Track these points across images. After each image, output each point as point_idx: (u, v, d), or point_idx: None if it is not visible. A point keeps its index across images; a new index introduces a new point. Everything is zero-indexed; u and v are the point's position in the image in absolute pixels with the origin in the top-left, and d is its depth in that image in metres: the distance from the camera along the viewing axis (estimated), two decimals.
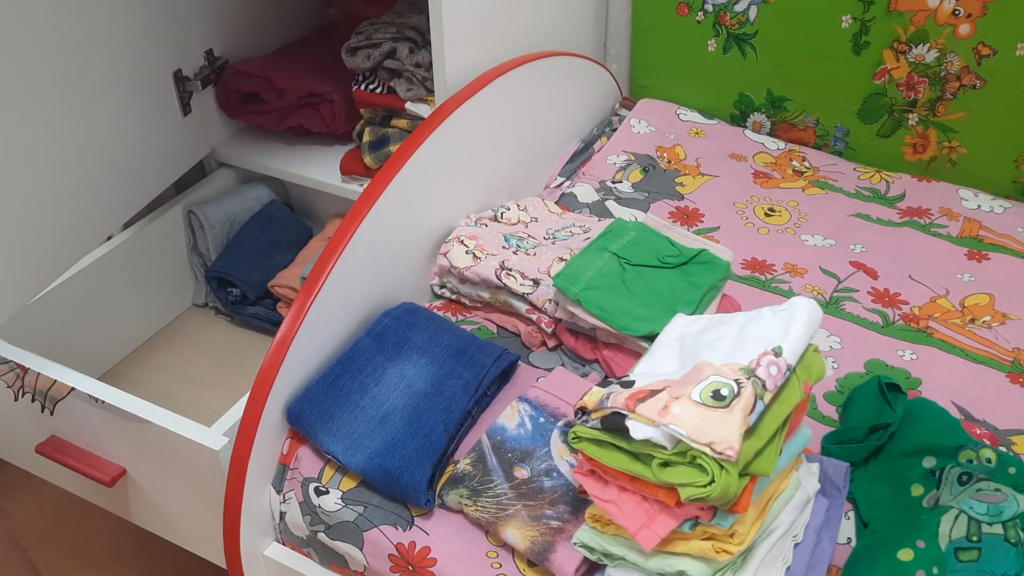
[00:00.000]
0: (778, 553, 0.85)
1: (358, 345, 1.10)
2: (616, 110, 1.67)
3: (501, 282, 1.16)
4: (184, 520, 1.14)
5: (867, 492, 0.97)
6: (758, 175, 1.50)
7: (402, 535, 0.98)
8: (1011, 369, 1.12)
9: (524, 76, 1.34)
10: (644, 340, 1.06)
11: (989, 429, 1.04)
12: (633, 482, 0.80)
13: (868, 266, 1.29)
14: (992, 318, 1.19)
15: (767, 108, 1.60)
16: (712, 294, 1.13)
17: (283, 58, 1.59)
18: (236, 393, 1.12)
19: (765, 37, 1.54)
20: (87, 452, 1.14)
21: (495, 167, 1.35)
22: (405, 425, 1.02)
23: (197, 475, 1.04)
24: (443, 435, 1.01)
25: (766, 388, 0.77)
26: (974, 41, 1.39)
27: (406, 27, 1.41)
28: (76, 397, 1.08)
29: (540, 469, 0.98)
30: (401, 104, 1.39)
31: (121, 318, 1.44)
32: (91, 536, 1.52)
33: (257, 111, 1.56)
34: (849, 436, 1.01)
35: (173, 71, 1.48)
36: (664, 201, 1.43)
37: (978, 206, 1.41)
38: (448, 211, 1.26)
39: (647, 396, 0.78)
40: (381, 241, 1.14)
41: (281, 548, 1.09)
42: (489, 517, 0.95)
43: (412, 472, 0.98)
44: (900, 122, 1.50)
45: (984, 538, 0.85)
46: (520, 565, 0.94)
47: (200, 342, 1.51)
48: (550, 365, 1.14)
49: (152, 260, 1.46)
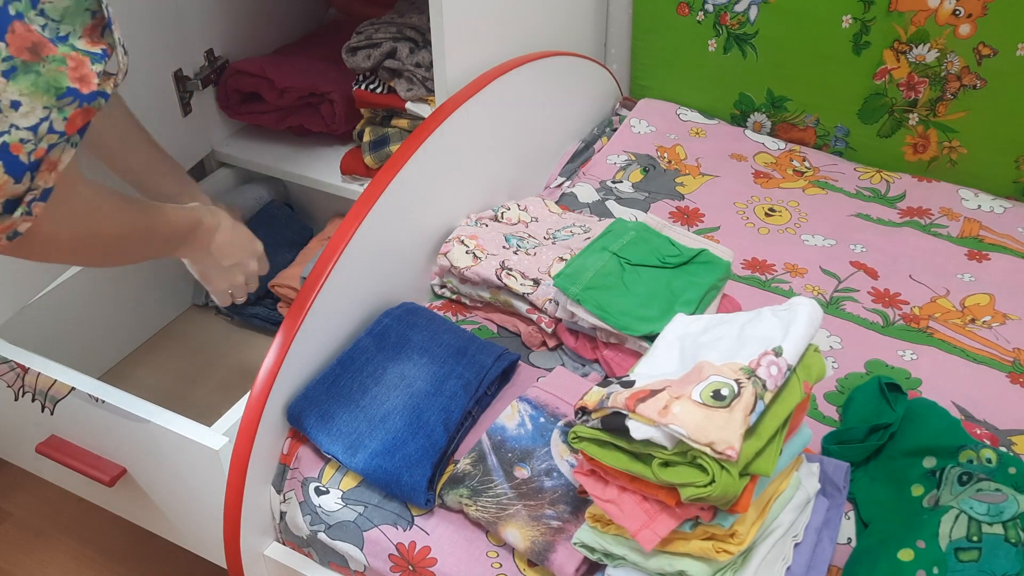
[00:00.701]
0: (778, 553, 0.85)
1: (358, 345, 1.10)
2: (616, 110, 1.67)
3: (501, 282, 1.16)
4: (184, 520, 1.14)
5: (867, 492, 0.97)
6: (758, 175, 1.50)
7: (402, 535, 0.98)
8: (1011, 369, 1.12)
9: (524, 76, 1.34)
10: (644, 340, 1.06)
11: (989, 429, 1.04)
12: (633, 482, 0.80)
13: (868, 266, 1.29)
14: (992, 318, 1.19)
15: (767, 108, 1.60)
16: (712, 294, 1.13)
17: (283, 58, 1.59)
18: (236, 393, 1.12)
19: (765, 37, 1.54)
20: (87, 452, 1.14)
21: (495, 167, 1.35)
22: (405, 425, 1.02)
23: (197, 475, 1.04)
24: (443, 435, 1.01)
25: (766, 388, 0.77)
26: (974, 41, 1.39)
27: (406, 27, 1.41)
28: (76, 397, 1.08)
29: (540, 469, 0.98)
30: (401, 104, 1.39)
31: (121, 318, 1.44)
32: (91, 536, 1.52)
33: (257, 111, 1.56)
34: (849, 436, 1.01)
35: (173, 71, 1.48)
36: (664, 201, 1.43)
37: (978, 206, 1.41)
38: (448, 211, 1.26)
39: (647, 396, 0.78)
40: (381, 241, 1.13)
41: (281, 548, 1.09)
42: (489, 517, 0.95)
43: (412, 472, 0.98)
44: (900, 122, 1.50)
45: (984, 538, 0.85)
46: (520, 565, 0.94)
47: (200, 342, 1.51)
48: (550, 365, 1.14)
49: (152, 260, 1.46)
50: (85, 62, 0.70)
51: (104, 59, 0.71)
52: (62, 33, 0.69)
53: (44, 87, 0.67)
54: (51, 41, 0.68)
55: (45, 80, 0.67)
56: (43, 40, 0.68)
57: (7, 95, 0.66)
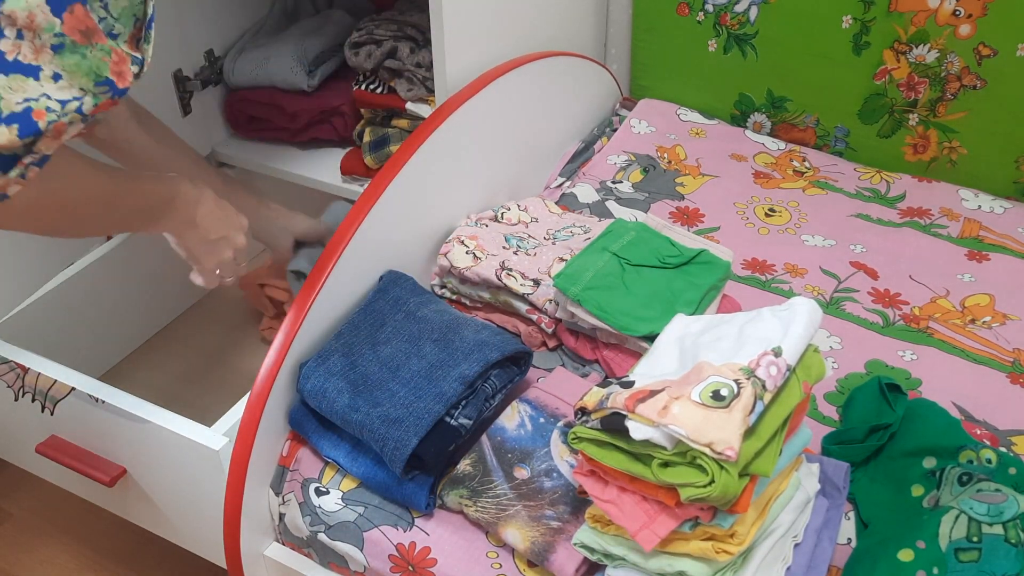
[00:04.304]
0: (778, 553, 0.85)
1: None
2: (616, 110, 1.67)
3: (501, 282, 1.16)
4: (184, 520, 1.14)
5: (867, 492, 0.97)
6: (758, 175, 1.50)
7: (402, 535, 0.98)
8: (1011, 369, 1.12)
9: (524, 76, 1.34)
10: (644, 340, 1.06)
11: (989, 429, 1.04)
12: (633, 482, 0.80)
13: (868, 266, 1.29)
14: (992, 318, 1.19)
15: (767, 108, 1.60)
16: (712, 294, 1.13)
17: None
18: (236, 393, 1.12)
19: (765, 37, 1.54)
20: (87, 452, 1.14)
21: (495, 167, 1.35)
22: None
23: (197, 475, 1.04)
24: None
25: (766, 388, 0.77)
26: (974, 41, 1.39)
27: (407, 25, 1.41)
28: (76, 397, 1.08)
29: (540, 469, 0.98)
30: (402, 104, 1.39)
31: (121, 318, 1.44)
32: (91, 536, 1.52)
33: (269, 128, 1.56)
34: (849, 436, 1.01)
35: (173, 71, 1.48)
36: (664, 201, 1.43)
37: (978, 206, 1.41)
38: (448, 211, 1.26)
39: (647, 396, 0.78)
40: (381, 241, 1.14)
41: (281, 548, 1.09)
42: (489, 517, 0.95)
43: (415, 479, 0.98)
44: (900, 122, 1.50)
45: (984, 538, 0.85)
46: (520, 565, 0.94)
47: (200, 342, 1.51)
48: (550, 365, 1.14)
49: (152, 260, 1.46)
50: (127, 60, 0.75)
51: (140, 64, 0.77)
52: (115, 31, 0.75)
53: (86, 70, 0.72)
54: (104, 33, 0.73)
55: (88, 64, 0.72)
56: (97, 28, 0.72)
57: (51, 66, 0.70)
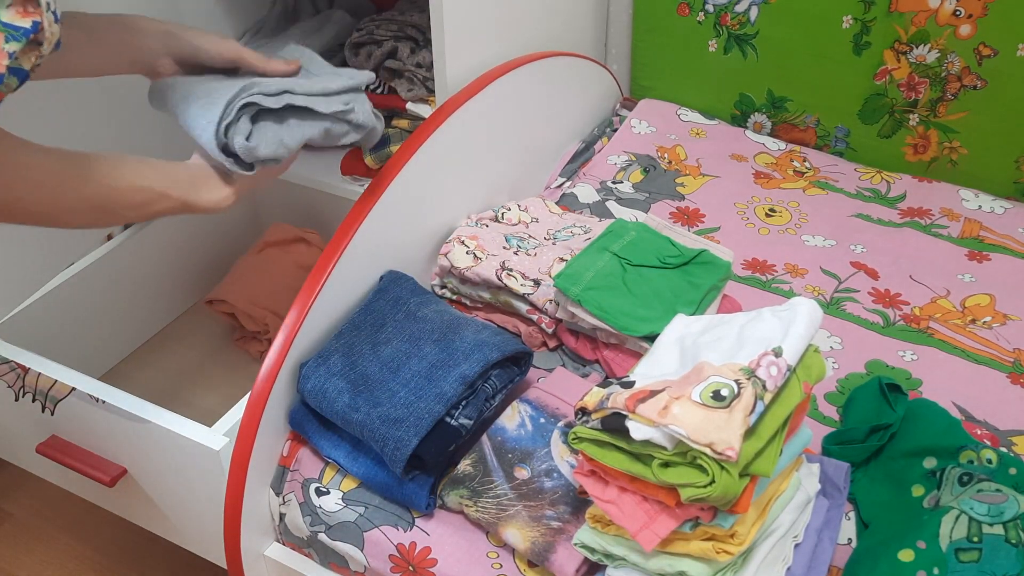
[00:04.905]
0: (778, 554, 0.85)
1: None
2: (617, 110, 1.67)
3: (502, 282, 1.16)
4: (184, 520, 1.14)
5: (868, 493, 0.97)
6: (759, 175, 1.50)
7: (403, 535, 0.98)
8: (1012, 370, 1.12)
9: (525, 76, 1.34)
10: (644, 340, 1.06)
11: (990, 430, 1.04)
12: (633, 482, 0.80)
13: (869, 266, 1.29)
14: (993, 319, 1.19)
15: (768, 108, 1.60)
16: (713, 294, 1.13)
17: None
18: (236, 393, 1.12)
19: (766, 38, 1.54)
20: (87, 452, 1.14)
21: (496, 167, 1.35)
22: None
23: (197, 475, 1.04)
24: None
25: (766, 388, 0.77)
26: (975, 42, 1.39)
27: (407, 25, 1.41)
28: (76, 397, 1.08)
29: (540, 469, 0.98)
30: (402, 104, 1.39)
31: (121, 318, 1.44)
32: (91, 536, 1.52)
33: None
34: (850, 436, 1.01)
35: None
36: (665, 201, 1.43)
37: (979, 207, 1.41)
38: (449, 211, 1.26)
39: (647, 396, 0.78)
40: (381, 241, 1.13)
41: (281, 548, 1.09)
42: (489, 518, 0.95)
43: (415, 479, 0.98)
44: (901, 123, 1.50)
45: (985, 539, 0.85)
46: (520, 565, 0.94)
47: (200, 342, 1.51)
48: (550, 365, 1.14)
49: (152, 260, 1.46)
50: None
51: (28, 34, 0.66)
52: None
53: None
54: None
55: None
56: None
57: None
